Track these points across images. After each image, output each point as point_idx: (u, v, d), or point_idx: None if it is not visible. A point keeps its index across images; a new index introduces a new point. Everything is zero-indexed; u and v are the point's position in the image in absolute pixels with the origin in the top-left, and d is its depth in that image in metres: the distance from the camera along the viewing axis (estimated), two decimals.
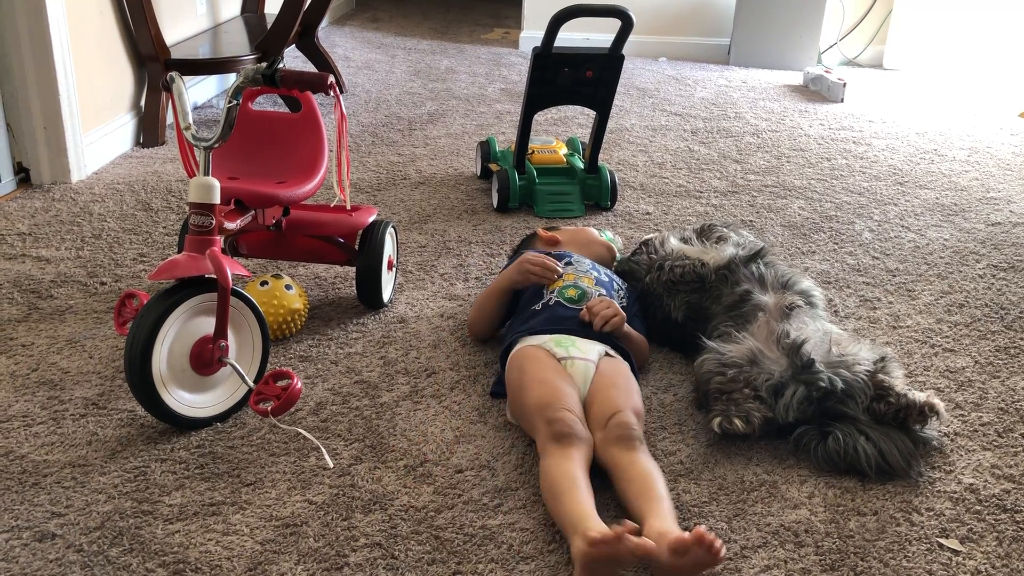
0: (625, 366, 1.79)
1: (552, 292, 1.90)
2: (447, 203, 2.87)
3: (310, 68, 4.11)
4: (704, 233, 2.26)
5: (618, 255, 2.26)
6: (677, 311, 2.00)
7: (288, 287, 2.00)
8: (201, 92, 3.86)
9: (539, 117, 3.79)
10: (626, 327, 1.87)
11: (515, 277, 1.96)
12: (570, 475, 1.48)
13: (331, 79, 1.70)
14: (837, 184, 3.19)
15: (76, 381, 1.83)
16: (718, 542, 1.32)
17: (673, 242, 2.16)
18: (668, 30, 5.28)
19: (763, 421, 1.67)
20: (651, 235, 2.33)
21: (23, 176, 2.87)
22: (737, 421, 1.66)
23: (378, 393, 1.83)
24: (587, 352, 1.76)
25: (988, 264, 2.56)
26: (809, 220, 2.85)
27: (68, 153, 2.86)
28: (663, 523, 1.39)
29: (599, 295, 1.90)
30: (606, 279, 1.99)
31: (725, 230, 2.25)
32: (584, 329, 1.82)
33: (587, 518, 1.38)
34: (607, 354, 1.79)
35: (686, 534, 1.33)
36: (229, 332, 1.67)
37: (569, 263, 2.00)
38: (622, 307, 1.93)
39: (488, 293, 2.02)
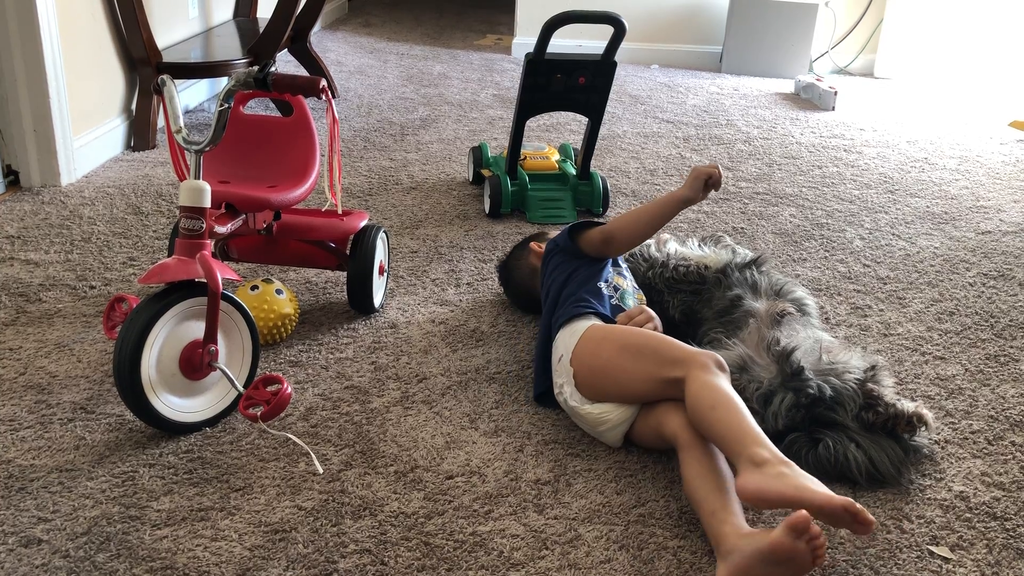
0: None
1: (618, 288, 1.90)
2: (439, 208, 2.87)
3: (302, 72, 4.11)
4: (709, 241, 2.27)
5: None
6: (675, 310, 2.00)
7: (279, 292, 1.99)
8: (192, 96, 3.85)
9: (531, 123, 3.79)
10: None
11: (690, 195, 1.91)
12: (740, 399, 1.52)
13: (323, 83, 1.69)
14: (828, 192, 3.20)
15: (64, 385, 1.82)
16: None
17: (672, 244, 2.17)
18: (660, 37, 5.30)
19: None
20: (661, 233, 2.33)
21: (12, 179, 2.86)
22: None
23: (368, 399, 1.83)
24: None
25: (978, 272, 2.57)
26: (800, 228, 2.86)
27: (58, 156, 2.85)
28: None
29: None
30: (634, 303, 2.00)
31: (731, 242, 2.26)
32: None
33: (766, 442, 1.44)
34: None
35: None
36: (219, 337, 1.66)
37: (620, 274, 2.00)
38: None
39: (659, 210, 1.93)
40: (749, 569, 1.32)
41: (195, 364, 1.64)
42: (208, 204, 1.65)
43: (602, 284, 1.89)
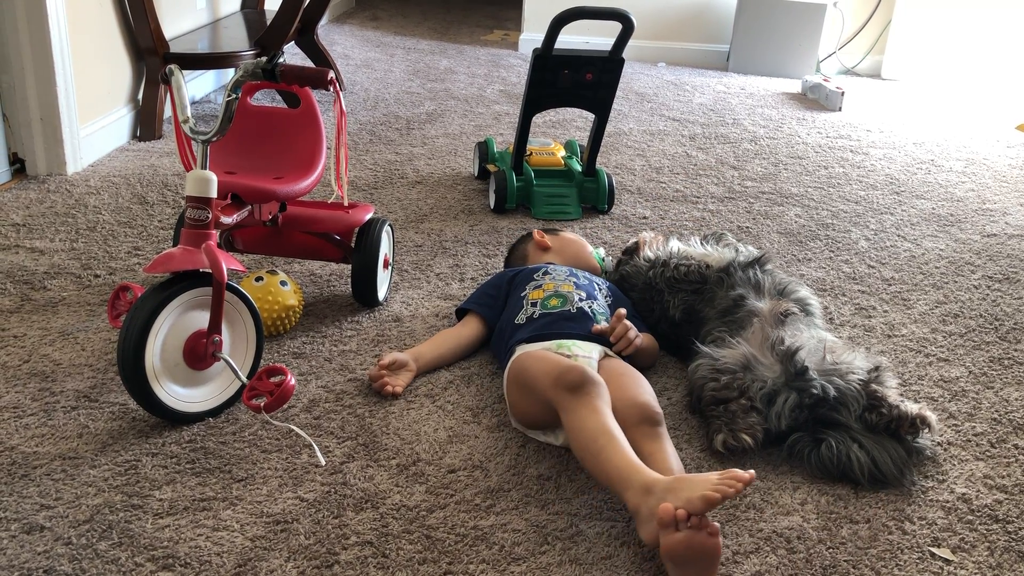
0: (625, 364, 1.79)
1: (534, 305, 1.90)
2: (444, 203, 2.87)
3: (309, 65, 4.10)
4: (711, 239, 2.26)
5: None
6: (676, 309, 1.99)
7: (283, 283, 1.99)
8: (199, 87, 3.85)
9: (538, 119, 3.79)
10: (636, 341, 1.86)
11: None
12: (603, 428, 1.47)
13: (331, 75, 1.69)
14: (834, 192, 3.20)
15: (68, 373, 1.82)
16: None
17: (675, 243, 2.17)
18: (668, 35, 5.29)
19: (763, 434, 1.68)
20: (643, 233, 2.33)
21: (18, 167, 2.86)
22: (746, 437, 1.65)
23: (371, 391, 1.82)
24: (589, 352, 1.76)
25: (983, 275, 2.57)
26: (805, 228, 2.86)
27: (64, 144, 2.85)
28: None
29: (580, 298, 1.90)
30: (585, 282, 1.99)
31: (733, 240, 2.25)
32: (582, 333, 1.82)
33: (637, 471, 1.40)
34: (607, 354, 1.79)
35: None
36: (223, 327, 1.66)
37: (546, 272, 2.00)
38: (608, 304, 1.97)
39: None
40: None
41: (199, 354, 1.64)
42: (214, 194, 1.65)
43: (522, 318, 1.88)
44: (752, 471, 1.35)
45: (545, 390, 1.58)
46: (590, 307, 1.89)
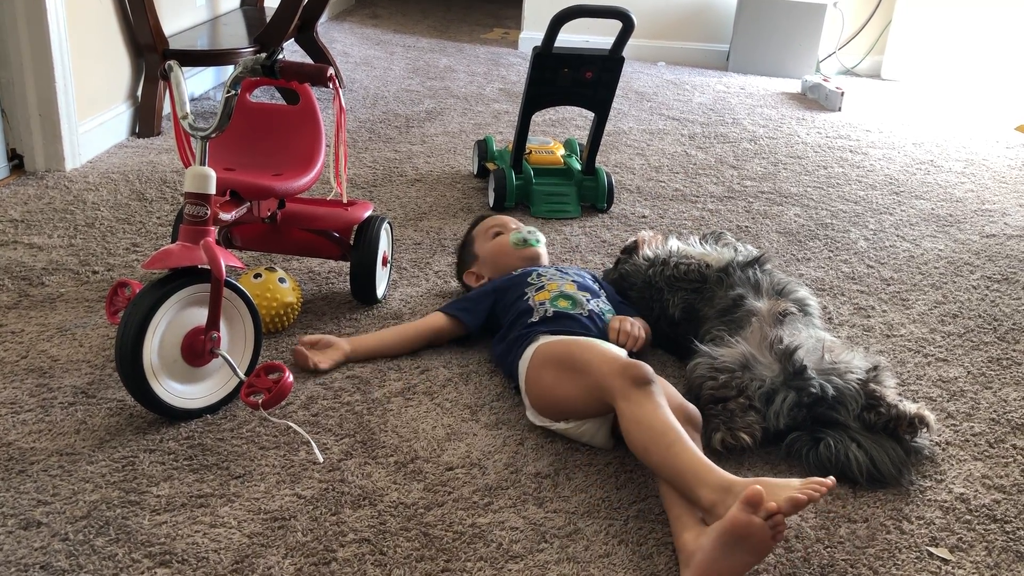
0: None
1: (542, 304, 1.89)
2: (443, 201, 2.86)
3: (308, 62, 4.10)
4: (709, 238, 2.26)
5: (541, 250, 2.16)
6: (675, 308, 1.99)
7: (282, 280, 1.99)
8: (198, 84, 3.85)
9: (537, 118, 3.79)
10: (642, 336, 1.88)
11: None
12: (671, 425, 1.48)
13: (331, 71, 1.69)
14: (833, 192, 3.20)
15: (66, 369, 1.82)
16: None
17: (674, 242, 2.17)
18: (668, 35, 5.29)
19: (761, 432, 1.68)
20: (642, 232, 2.33)
21: (17, 163, 2.86)
22: (744, 436, 1.65)
23: (370, 389, 1.82)
24: (619, 352, 1.75)
25: (982, 275, 2.57)
26: (804, 227, 2.86)
27: (63, 141, 2.85)
28: None
29: (587, 300, 1.90)
30: (579, 278, 1.99)
31: (732, 239, 2.25)
32: (599, 336, 1.83)
33: (712, 469, 1.41)
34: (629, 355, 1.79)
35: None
36: (221, 324, 1.66)
37: (540, 275, 2.00)
38: (608, 297, 1.98)
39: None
40: (712, 563, 1.31)
41: (197, 351, 1.64)
42: (213, 191, 1.65)
43: (534, 317, 1.87)
44: (833, 478, 1.35)
45: (605, 377, 1.56)
46: (598, 306, 1.90)
